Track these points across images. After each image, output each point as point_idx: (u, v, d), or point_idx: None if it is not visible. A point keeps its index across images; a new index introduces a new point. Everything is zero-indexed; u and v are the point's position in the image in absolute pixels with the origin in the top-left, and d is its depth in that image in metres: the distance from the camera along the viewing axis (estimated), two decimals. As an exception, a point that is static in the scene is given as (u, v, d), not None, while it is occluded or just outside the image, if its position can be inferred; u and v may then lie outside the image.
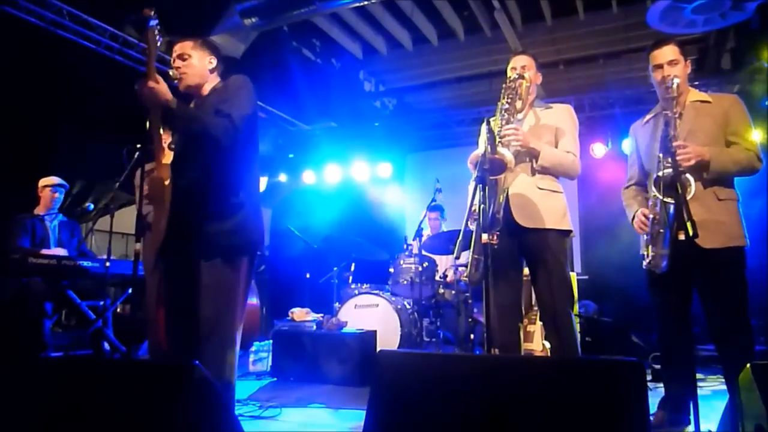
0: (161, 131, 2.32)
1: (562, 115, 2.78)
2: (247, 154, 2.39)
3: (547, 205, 2.63)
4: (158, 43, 2.31)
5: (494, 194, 2.32)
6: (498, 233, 2.25)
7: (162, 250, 2.33)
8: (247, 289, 2.42)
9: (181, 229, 2.29)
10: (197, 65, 2.45)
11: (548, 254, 2.60)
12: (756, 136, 4.82)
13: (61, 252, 4.17)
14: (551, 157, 2.63)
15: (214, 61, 2.51)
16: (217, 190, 2.32)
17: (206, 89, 2.49)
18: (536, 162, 2.63)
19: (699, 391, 2.02)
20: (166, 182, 2.32)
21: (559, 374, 1.43)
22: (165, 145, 2.36)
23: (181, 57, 2.43)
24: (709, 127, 2.52)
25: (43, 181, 4.46)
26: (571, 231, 2.70)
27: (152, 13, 2.27)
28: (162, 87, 2.20)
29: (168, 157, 2.37)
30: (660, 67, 2.57)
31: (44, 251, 4.15)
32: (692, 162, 2.34)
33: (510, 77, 2.67)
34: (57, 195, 4.46)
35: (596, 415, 1.34)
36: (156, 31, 2.30)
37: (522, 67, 2.74)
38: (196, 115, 2.29)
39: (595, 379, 1.39)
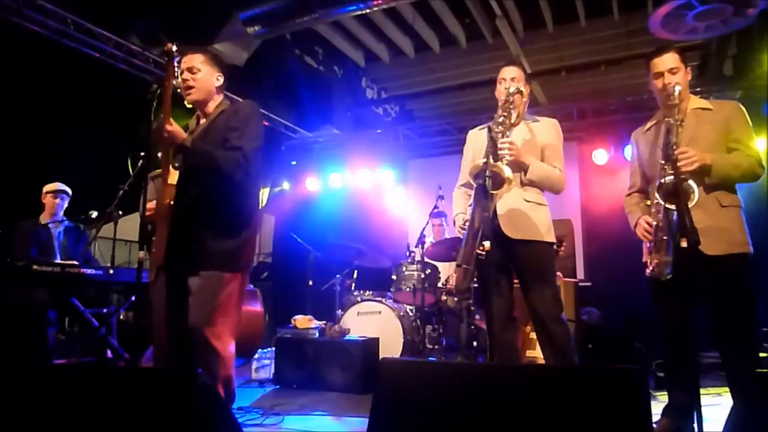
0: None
1: (549, 130, 2.81)
2: (250, 178, 2.41)
3: (534, 217, 2.66)
4: (176, 77, 2.34)
5: (486, 205, 2.34)
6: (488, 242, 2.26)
7: (164, 267, 2.36)
8: (240, 303, 2.45)
9: (182, 247, 2.31)
10: (205, 80, 2.47)
11: (537, 265, 2.65)
12: (759, 143, 4.83)
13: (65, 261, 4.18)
14: (539, 171, 2.66)
15: (221, 79, 2.52)
16: (220, 211, 2.35)
17: (211, 107, 2.50)
18: (524, 175, 2.65)
19: (702, 399, 2.00)
20: (171, 203, 2.34)
21: (562, 382, 1.43)
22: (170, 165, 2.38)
23: (190, 70, 2.44)
24: (711, 135, 2.51)
25: (45, 188, 4.47)
26: (555, 243, 2.76)
27: (174, 48, 2.30)
28: (176, 130, 2.24)
29: (173, 176, 2.39)
30: (660, 75, 2.57)
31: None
32: (695, 166, 2.33)
33: (510, 91, 2.67)
34: (59, 201, 4.46)
35: (599, 424, 1.34)
36: (176, 65, 2.32)
37: (512, 78, 2.76)
38: (210, 152, 2.32)
39: (597, 387, 1.39)
